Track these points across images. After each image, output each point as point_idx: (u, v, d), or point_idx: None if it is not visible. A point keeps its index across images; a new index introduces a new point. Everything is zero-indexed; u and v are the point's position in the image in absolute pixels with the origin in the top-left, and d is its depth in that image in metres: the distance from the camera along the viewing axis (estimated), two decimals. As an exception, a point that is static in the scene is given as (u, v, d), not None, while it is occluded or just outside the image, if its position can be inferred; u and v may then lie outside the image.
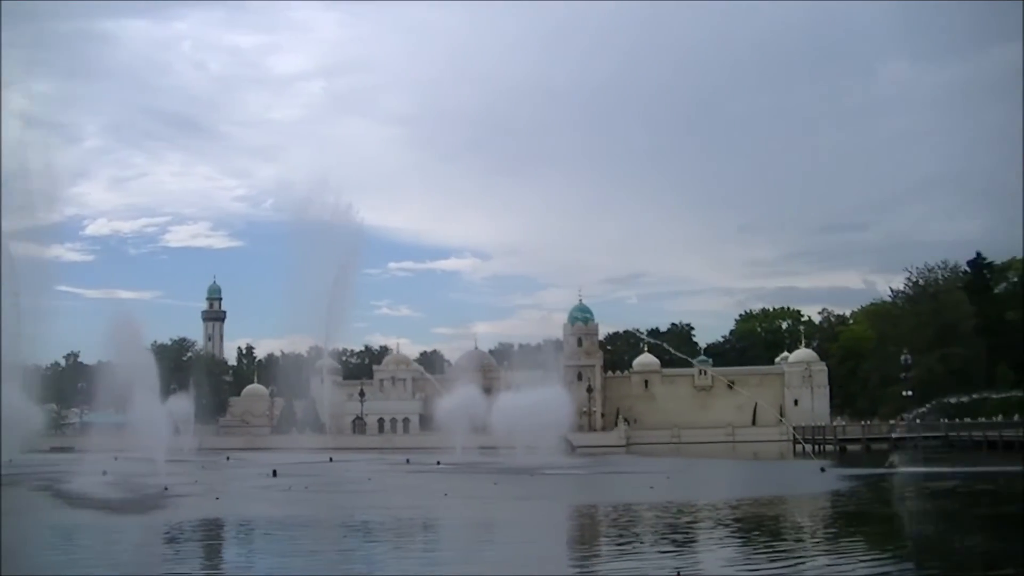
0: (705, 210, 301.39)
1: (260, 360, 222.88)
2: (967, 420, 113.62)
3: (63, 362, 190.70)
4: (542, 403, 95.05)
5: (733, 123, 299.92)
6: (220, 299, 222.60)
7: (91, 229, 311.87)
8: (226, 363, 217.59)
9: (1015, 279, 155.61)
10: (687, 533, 40.53)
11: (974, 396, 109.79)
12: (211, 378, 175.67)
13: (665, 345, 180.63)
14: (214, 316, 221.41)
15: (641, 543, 37.21)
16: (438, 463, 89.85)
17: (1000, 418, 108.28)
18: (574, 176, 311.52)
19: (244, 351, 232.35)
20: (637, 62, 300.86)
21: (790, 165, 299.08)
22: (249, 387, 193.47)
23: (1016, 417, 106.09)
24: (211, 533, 43.35)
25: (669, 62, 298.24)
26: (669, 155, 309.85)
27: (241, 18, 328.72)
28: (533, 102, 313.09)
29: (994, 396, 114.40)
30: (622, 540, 38.63)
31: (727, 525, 42.41)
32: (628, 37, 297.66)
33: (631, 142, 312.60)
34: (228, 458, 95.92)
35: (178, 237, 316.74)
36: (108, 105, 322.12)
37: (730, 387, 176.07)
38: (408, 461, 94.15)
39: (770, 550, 34.72)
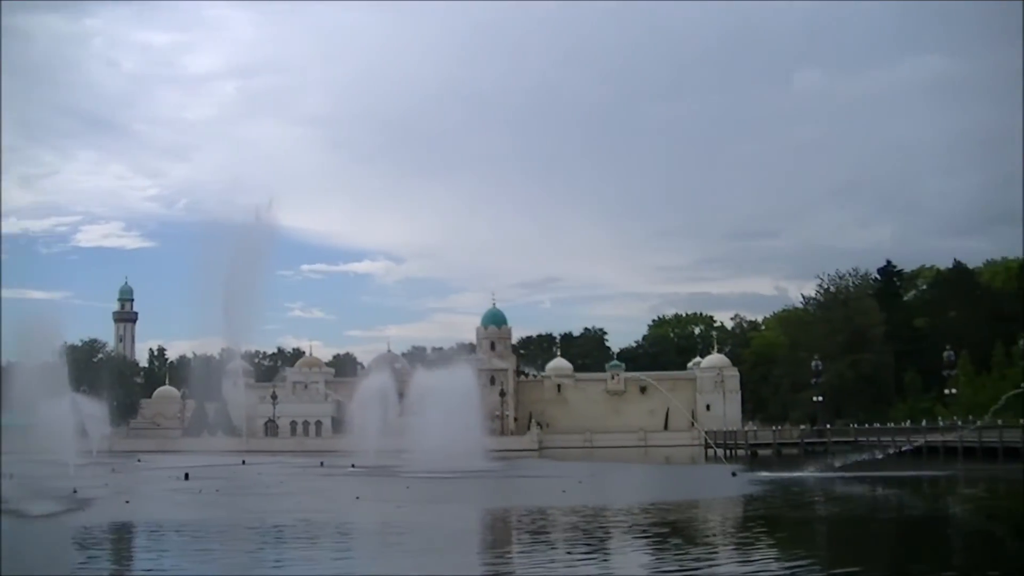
0: (619, 215, 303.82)
1: (172, 362, 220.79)
2: (876, 425, 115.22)
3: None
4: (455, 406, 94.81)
5: (647, 129, 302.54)
6: (132, 300, 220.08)
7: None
8: (137, 364, 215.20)
9: (924, 287, 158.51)
10: (600, 537, 40.53)
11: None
12: (122, 380, 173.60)
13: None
14: (126, 317, 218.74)
15: (554, 547, 37.10)
16: (352, 466, 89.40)
17: (908, 423, 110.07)
18: (488, 179, 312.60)
19: (156, 352, 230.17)
20: (552, 66, 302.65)
21: (703, 171, 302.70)
22: (160, 389, 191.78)
23: (924, 423, 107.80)
24: (121, 537, 42.70)
25: (589, 66, 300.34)
26: (583, 160, 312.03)
27: (153, 16, 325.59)
28: (449, 105, 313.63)
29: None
30: (534, 544, 38.52)
31: (640, 529, 42.43)
32: (543, 41, 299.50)
33: (546, 146, 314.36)
34: (139, 460, 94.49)
35: (89, 237, 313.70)
36: (18, 101, 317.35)
37: (643, 392, 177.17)
38: (322, 464, 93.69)
39: (682, 553, 34.84)
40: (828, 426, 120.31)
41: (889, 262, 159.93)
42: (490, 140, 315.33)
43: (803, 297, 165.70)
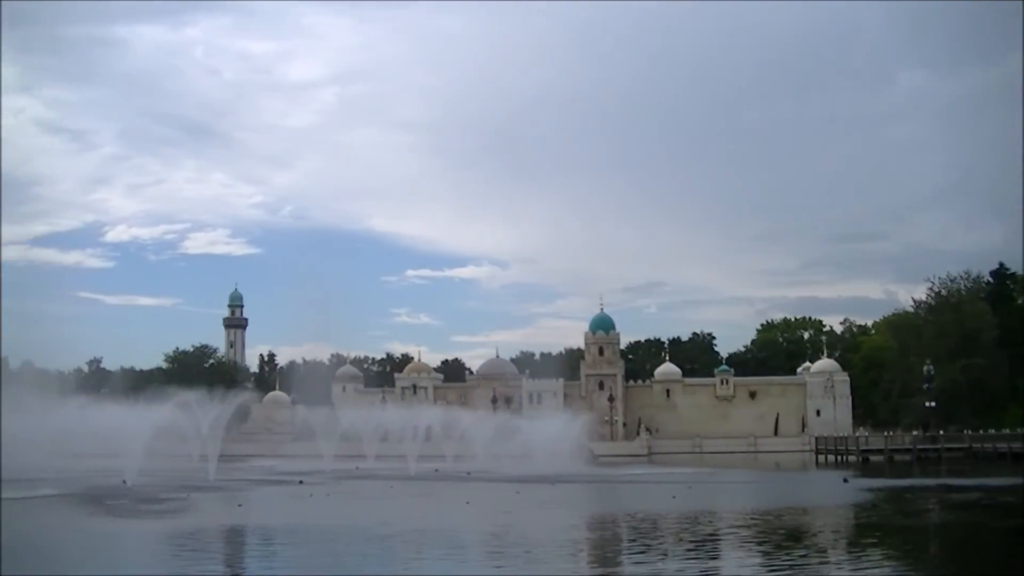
0: (723, 219, 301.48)
1: (281, 367, 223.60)
2: (991, 432, 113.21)
3: (86, 367, 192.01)
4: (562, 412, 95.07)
5: (751, 131, 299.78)
6: (241, 306, 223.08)
7: (111, 235, 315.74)
8: (248, 370, 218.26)
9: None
10: (709, 543, 40.56)
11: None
12: (233, 385, 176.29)
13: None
14: (236, 323, 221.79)
15: (663, 553, 37.26)
16: (468, 473, 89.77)
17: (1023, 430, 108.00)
18: (591, 183, 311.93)
19: (266, 358, 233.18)
20: (654, 70, 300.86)
21: (808, 173, 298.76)
22: (271, 394, 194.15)
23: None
24: (230, 540, 43.73)
25: (687, 70, 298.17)
26: (686, 163, 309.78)
27: (252, 24, 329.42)
28: (550, 108, 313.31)
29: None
30: (644, 549, 38.66)
31: (749, 535, 42.39)
32: (646, 45, 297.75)
33: (649, 149, 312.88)
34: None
35: (197, 244, 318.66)
36: (123, 111, 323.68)
37: (752, 397, 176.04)
38: (436, 471, 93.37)
39: (791, 561, 34.74)
40: (941, 432, 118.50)
41: (1002, 264, 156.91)
42: (592, 144, 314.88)
43: (913, 301, 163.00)
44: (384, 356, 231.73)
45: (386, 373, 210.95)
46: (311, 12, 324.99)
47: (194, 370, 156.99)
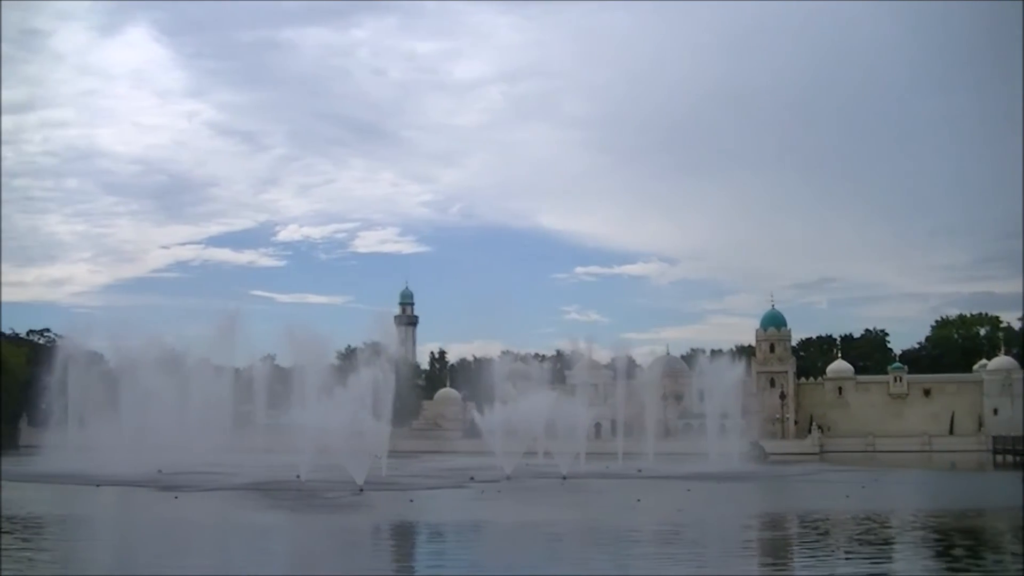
0: (896, 213, 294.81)
1: (452, 364, 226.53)
2: None
3: (260, 365, 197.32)
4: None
5: (924, 123, 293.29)
6: (412, 304, 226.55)
7: (282, 235, 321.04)
8: (419, 367, 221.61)
9: None
10: (881, 544, 40.51)
11: None
12: (404, 382, 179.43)
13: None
14: (407, 321, 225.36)
15: (834, 553, 37.48)
16: (639, 471, 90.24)
17: None
18: (758, 178, 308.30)
19: (436, 355, 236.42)
20: (823, 62, 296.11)
21: (980, 166, 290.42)
22: (441, 391, 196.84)
23: None
24: (401, 534, 45.10)
25: (856, 62, 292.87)
26: (858, 156, 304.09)
27: (418, 24, 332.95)
28: (718, 103, 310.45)
29: None
30: (815, 549, 38.87)
31: (923, 537, 42.28)
32: (815, 37, 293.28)
33: (816, 143, 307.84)
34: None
35: (366, 243, 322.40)
36: (292, 112, 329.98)
37: (926, 395, 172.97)
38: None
39: (969, 565, 34.64)
40: None
41: None
42: (758, 138, 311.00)
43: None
44: (554, 353, 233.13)
45: (556, 370, 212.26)
46: (476, 11, 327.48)
47: (366, 367, 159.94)
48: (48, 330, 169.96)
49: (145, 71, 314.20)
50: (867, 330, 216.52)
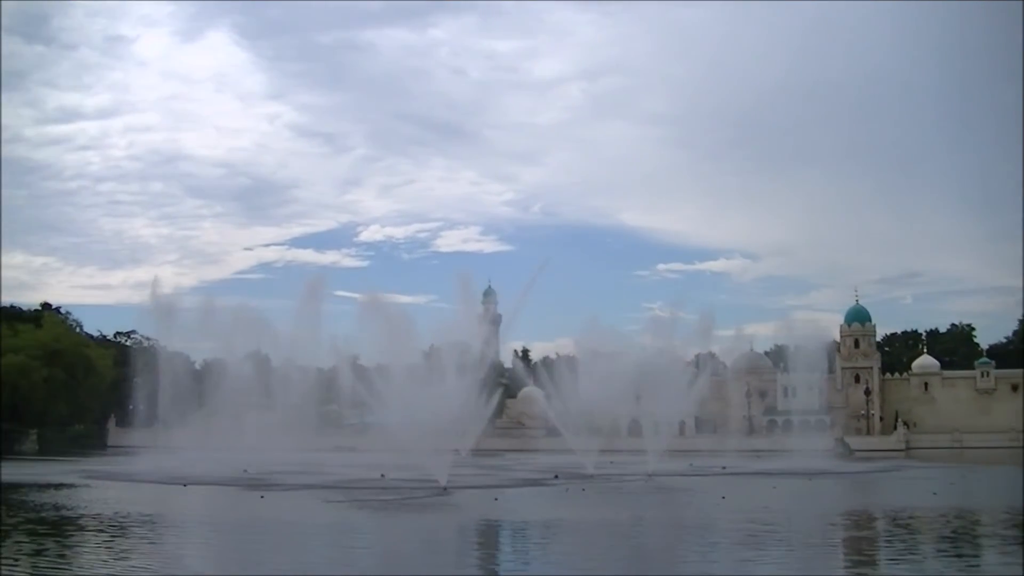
0: (982, 206, 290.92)
1: (535, 362, 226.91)
2: None
3: (344, 365, 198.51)
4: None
5: (1011, 113, 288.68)
6: (496, 303, 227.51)
7: (364, 235, 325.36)
8: (503, 365, 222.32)
9: None
10: (973, 542, 40.30)
11: None
12: (488, 381, 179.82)
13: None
14: (490, 319, 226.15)
15: (922, 551, 37.35)
16: (723, 468, 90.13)
17: None
18: (840, 173, 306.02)
19: (520, 354, 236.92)
20: (901, 55, 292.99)
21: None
22: (525, 389, 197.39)
23: None
24: (486, 532, 45.51)
25: (935, 55, 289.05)
26: (943, 148, 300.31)
27: (496, 23, 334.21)
28: (796, 98, 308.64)
29: None
30: (901, 547, 38.65)
31: (1017, 535, 41.89)
32: (891, 30, 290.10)
33: (897, 136, 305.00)
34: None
35: (449, 242, 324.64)
36: (372, 113, 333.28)
37: (1014, 390, 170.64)
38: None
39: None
40: None
41: None
42: (838, 132, 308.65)
43: None
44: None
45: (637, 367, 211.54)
46: (555, 9, 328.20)
47: (451, 366, 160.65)
48: (135, 332, 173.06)
49: (226, 75, 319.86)
50: (953, 324, 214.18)
